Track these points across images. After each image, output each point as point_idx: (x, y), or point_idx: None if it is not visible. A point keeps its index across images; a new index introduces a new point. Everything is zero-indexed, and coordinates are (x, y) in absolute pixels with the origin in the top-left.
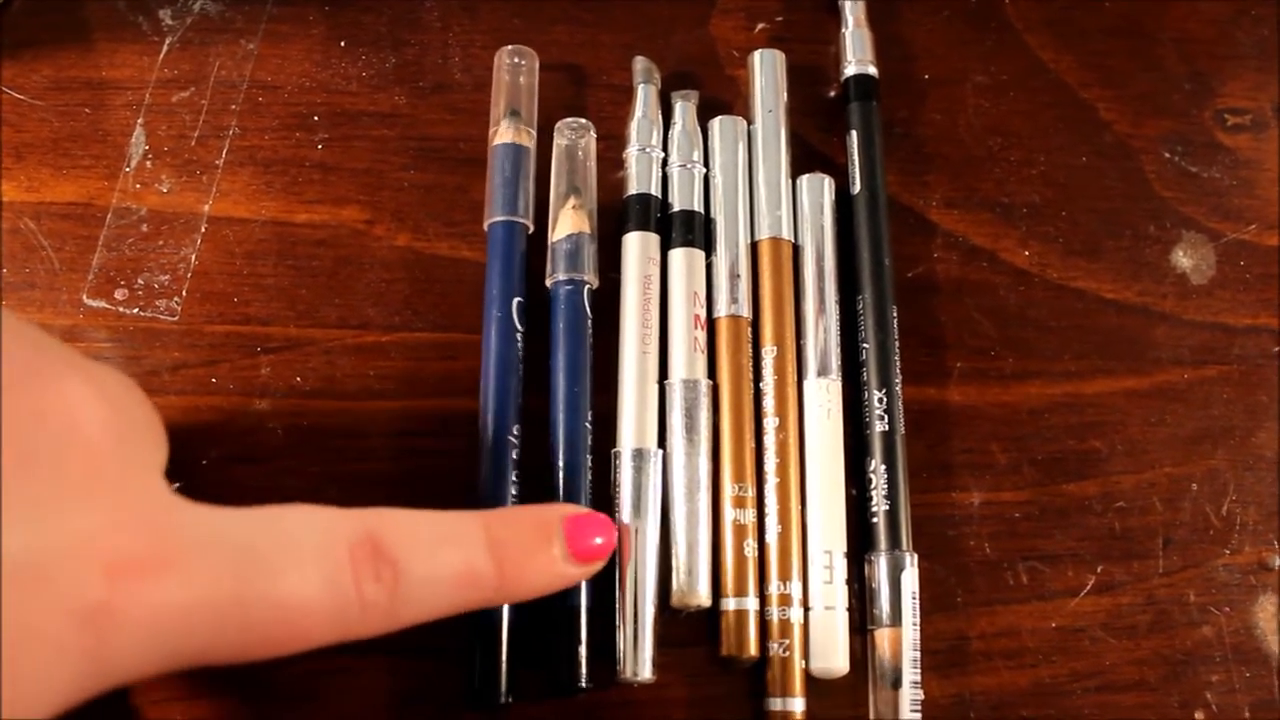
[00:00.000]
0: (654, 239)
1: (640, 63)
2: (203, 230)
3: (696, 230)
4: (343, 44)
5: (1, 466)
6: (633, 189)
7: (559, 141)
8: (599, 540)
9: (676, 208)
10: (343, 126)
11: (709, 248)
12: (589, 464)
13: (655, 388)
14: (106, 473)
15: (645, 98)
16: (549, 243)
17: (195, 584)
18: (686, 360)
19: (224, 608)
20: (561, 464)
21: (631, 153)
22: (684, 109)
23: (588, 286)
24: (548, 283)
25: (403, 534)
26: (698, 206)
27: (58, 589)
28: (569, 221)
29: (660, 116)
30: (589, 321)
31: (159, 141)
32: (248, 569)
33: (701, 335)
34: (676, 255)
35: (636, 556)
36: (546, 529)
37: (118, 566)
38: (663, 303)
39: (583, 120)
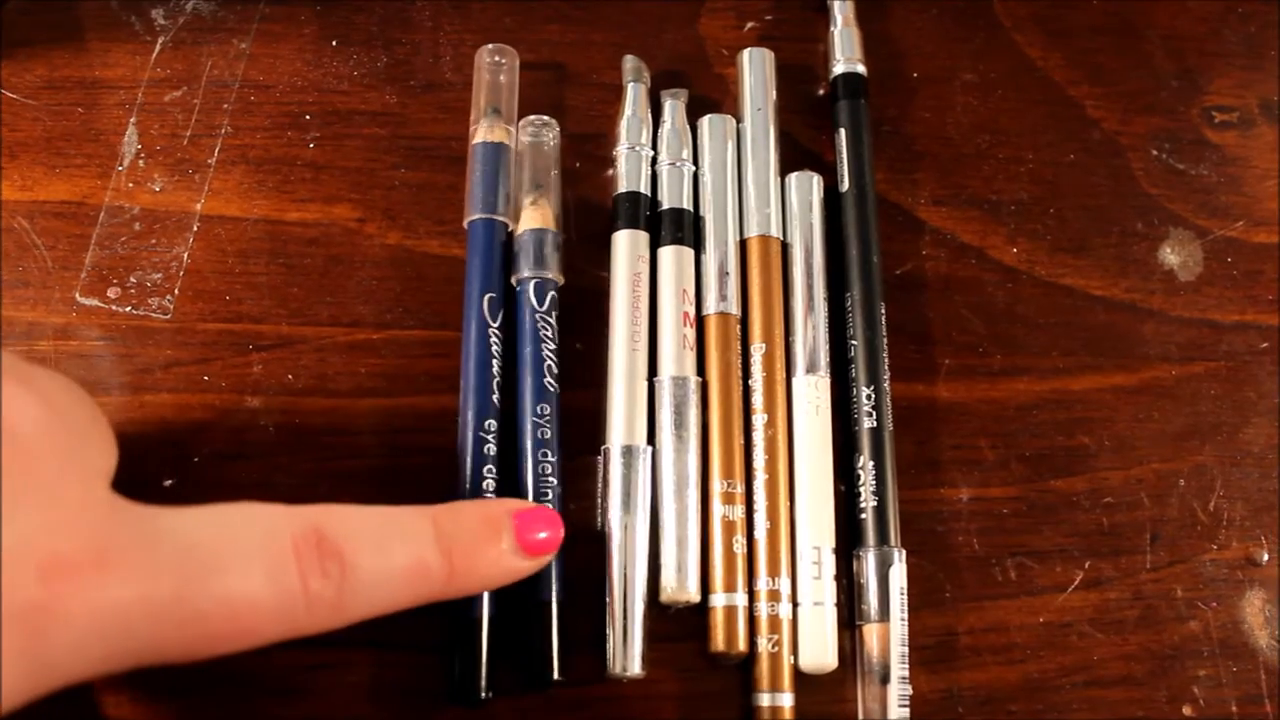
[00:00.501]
0: (643, 237)
1: (630, 61)
2: (195, 229)
3: (686, 228)
4: (334, 43)
5: None
6: (622, 187)
7: (522, 138)
8: (544, 535)
9: (666, 205)
10: (334, 125)
11: (698, 245)
12: (553, 460)
13: (644, 385)
14: (41, 475)
15: (635, 96)
16: (515, 239)
17: (134, 583)
18: (675, 357)
19: (164, 606)
20: (528, 461)
21: (621, 151)
22: (673, 108)
23: (550, 282)
24: (513, 280)
25: (349, 528)
26: (687, 204)
27: None
28: (531, 217)
29: (650, 115)
30: (553, 317)
31: (151, 140)
32: (189, 566)
33: (691, 332)
34: (666, 253)
35: (625, 552)
36: (494, 523)
37: (53, 567)
38: (652, 300)
39: (545, 117)
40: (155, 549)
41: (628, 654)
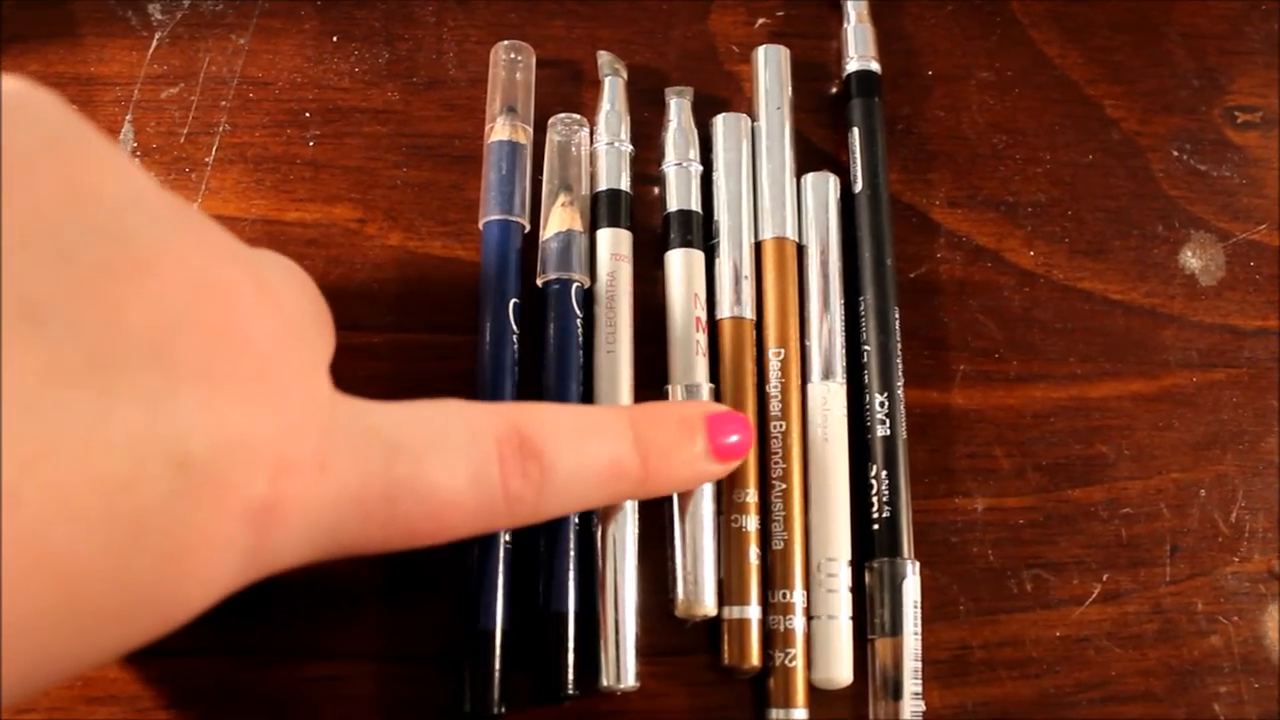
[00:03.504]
0: (625, 235)
1: (604, 56)
2: None
3: (695, 230)
4: (335, 39)
5: (184, 372)
6: (602, 185)
7: (552, 137)
8: (736, 438)
9: (674, 208)
10: (335, 123)
11: (710, 248)
12: None
13: (629, 387)
14: (274, 376)
15: (613, 90)
16: (540, 241)
17: (348, 481)
18: (686, 364)
19: (372, 503)
20: None
21: (600, 147)
22: (679, 106)
23: (578, 286)
24: (538, 282)
25: (549, 428)
26: (695, 206)
27: (230, 492)
28: (559, 219)
29: (627, 109)
30: (579, 321)
31: (147, 138)
32: (398, 468)
33: (703, 338)
34: (675, 256)
35: (615, 560)
36: (689, 425)
37: (280, 470)
38: (662, 305)
39: (576, 116)
40: (367, 449)
41: (620, 666)
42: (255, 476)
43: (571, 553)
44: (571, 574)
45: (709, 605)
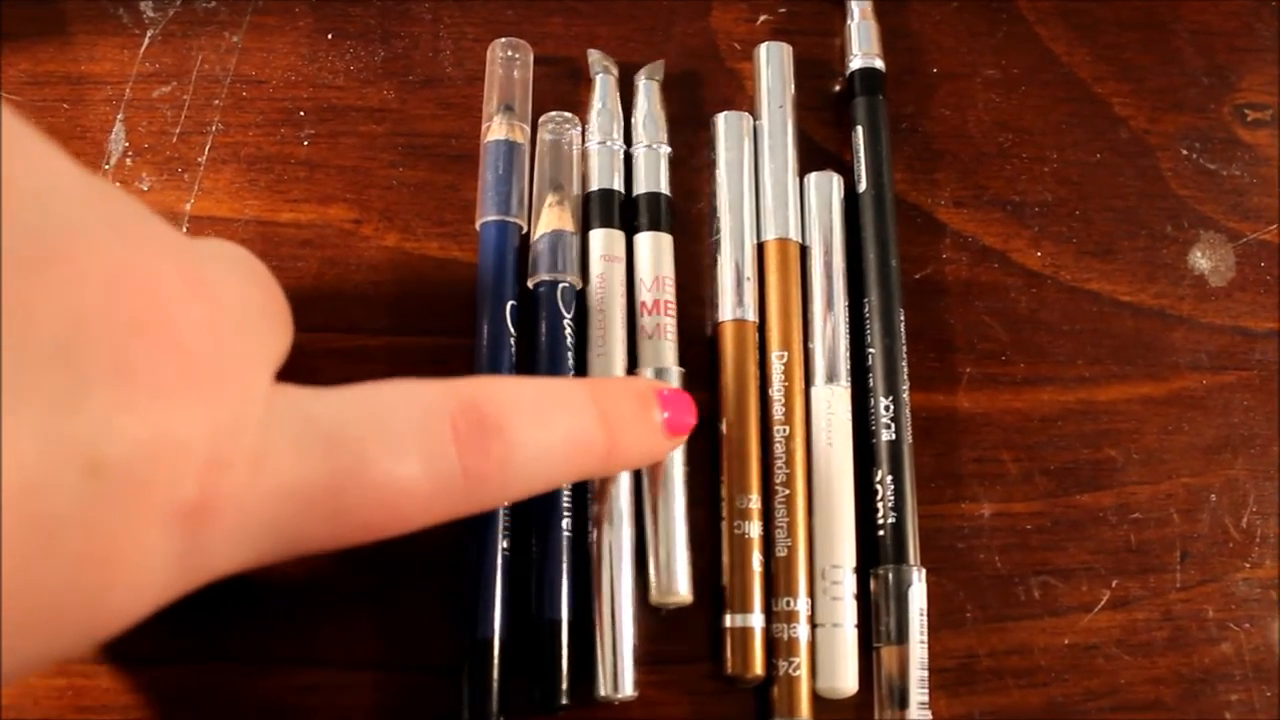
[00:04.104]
0: (618, 236)
1: (594, 54)
2: (184, 229)
3: (662, 213)
4: (330, 37)
5: (97, 370)
6: (594, 185)
7: (543, 135)
8: (686, 415)
9: (643, 190)
10: (329, 122)
11: (713, 246)
12: None
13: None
14: (202, 370)
15: (604, 88)
16: (530, 241)
17: (284, 477)
18: (654, 349)
19: (315, 500)
20: None
21: (592, 146)
22: (648, 88)
23: (568, 286)
24: (529, 284)
25: (509, 401)
26: (663, 189)
27: (153, 495)
28: (549, 219)
29: (620, 107)
30: (568, 323)
31: (139, 138)
32: (341, 457)
33: (669, 321)
34: (643, 239)
35: (610, 563)
36: (645, 398)
37: (211, 467)
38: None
39: (568, 114)
40: (305, 441)
41: (618, 674)
42: (181, 477)
43: (565, 559)
44: (565, 581)
45: (683, 592)
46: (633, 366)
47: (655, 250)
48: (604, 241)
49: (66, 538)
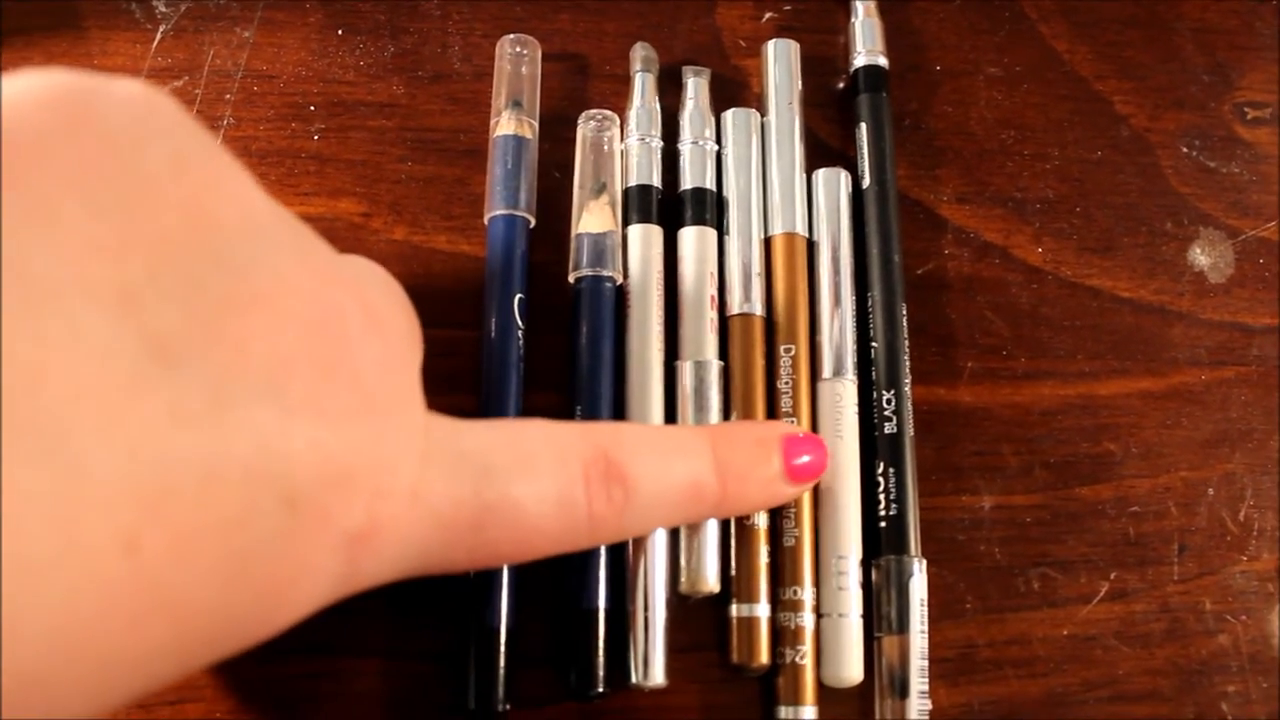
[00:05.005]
0: (656, 231)
1: (640, 49)
2: None
3: (709, 209)
4: (340, 32)
5: (298, 407)
6: (633, 180)
7: (583, 133)
8: (809, 459)
9: (688, 185)
10: (339, 117)
11: (721, 231)
12: None
13: (660, 378)
14: (376, 405)
15: (644, 85)
16: (572, 236)
17: (440, 507)
18: (697, 341)
19: (462, 528)
20: None
21: (631, 143)
22: (696, 85)
23: (612, 283)
24: (570, 278)
25: (633, 450)
26: (710, 184)
27: (330, 523)
28: (595, 217)
29: (658, 105)
30: (610, 317)
31: None
32: (486, 490)
33: (714, 314)
34: (688, 234)
35: (646, 556)
36: (766, 446)
37: (377, 496)
38: (671, 284)
39: (608, 111)
40: (459, 474)
41: (650, 663)
42: (353, 506)
43: (603, 550)
44: (603, 571)
45: (712, 581)
46: (670, 359)
47: (700, 245)
48: (641, 237)
49: (259, 564)
